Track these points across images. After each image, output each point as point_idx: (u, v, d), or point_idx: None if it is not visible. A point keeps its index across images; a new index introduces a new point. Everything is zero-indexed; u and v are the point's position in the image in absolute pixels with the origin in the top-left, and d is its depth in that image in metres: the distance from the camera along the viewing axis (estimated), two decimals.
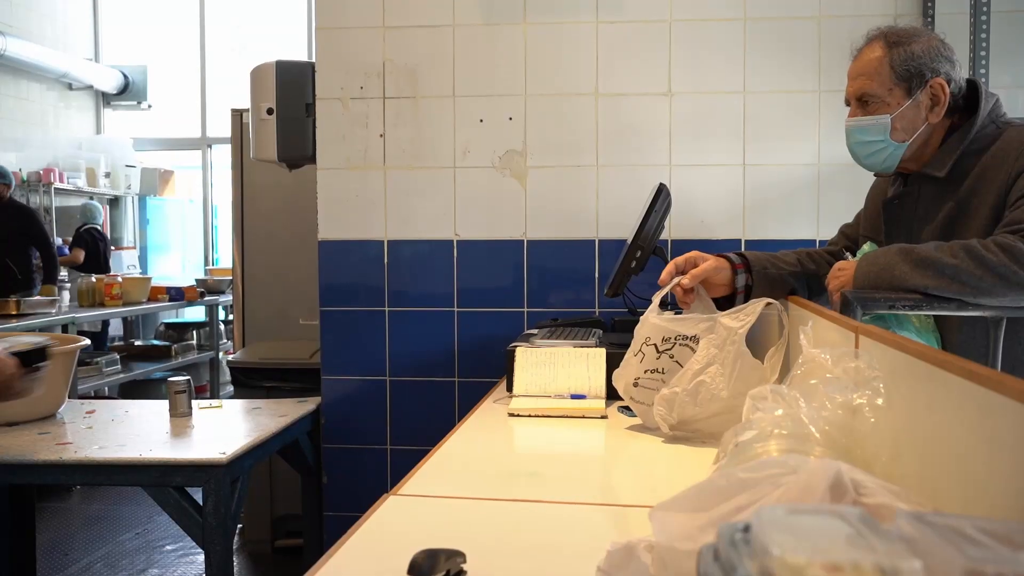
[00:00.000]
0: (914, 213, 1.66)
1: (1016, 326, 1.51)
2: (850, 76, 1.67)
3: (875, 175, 1.81)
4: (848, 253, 1.82)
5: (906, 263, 1.44)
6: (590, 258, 2.72)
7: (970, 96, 1.62)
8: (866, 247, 1.70)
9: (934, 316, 1.57)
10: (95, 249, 6.58)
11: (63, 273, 6.56)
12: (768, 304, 1.60)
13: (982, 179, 1.54)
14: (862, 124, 1.63)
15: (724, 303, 1.74)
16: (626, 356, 1.72)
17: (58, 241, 6.83)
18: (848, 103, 1.68)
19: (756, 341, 2.23)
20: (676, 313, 1.74)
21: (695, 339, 1.60)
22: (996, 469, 0.75)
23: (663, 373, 1.62)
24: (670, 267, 1.73)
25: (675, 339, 1.62)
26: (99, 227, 6.74)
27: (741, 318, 1.58)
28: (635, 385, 1.66)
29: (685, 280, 1.69)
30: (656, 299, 1.70)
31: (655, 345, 1.65)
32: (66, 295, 5.50)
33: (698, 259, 1.73)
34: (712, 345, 1.57)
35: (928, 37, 1.61)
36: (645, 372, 1.64)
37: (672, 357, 1.62)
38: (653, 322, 1.67)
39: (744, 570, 0.50)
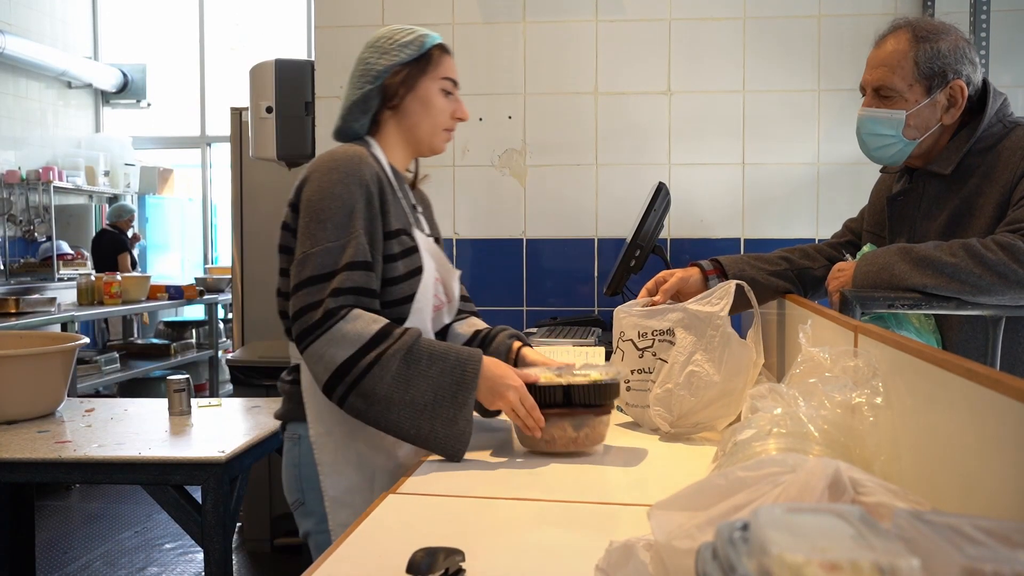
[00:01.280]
0: (918, 210, 1.66)
1: (1014, 325, 1.51)
2: (870, 64, 1.62)
3: (880, 170, 1.80)
4: (848, 254, 1.82)
5: (905, 262, 1.44)
6: (589, 257, 2.73)
7: (981, 95, 1.61)
8: (866, 248, 1.70)
9: (934, 316, 1.57)
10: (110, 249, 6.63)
11: (65, 271, 6.58)
12: (738, 284, 1.61)
13: (987, 178, 1.54)
14: (876, 116, 1.60)
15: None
16: (612, 358, 1.73)
17: (63, 245, 6.85)
18: (863, 91, 1.65)
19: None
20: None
21: (671, 332, 1.60)
22: (995, 468, 0.75)
23: (650, 372, 1.62)
24: (642, 292, 1.77)
25: (652, 335, 1.62)
26: (114, 227, 6.77)
27: (714, 302, 1.58)
28: (627, 388, 1.66)
29: (657, 298, 1.72)
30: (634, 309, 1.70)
31: (632, 341, 1.65)
32: (68, 294, 5.51)
33: (667, 277, 1.77)
34: (690, 333, 1.58)
35: (955, 36, 1.58)
36: (632, 372, 1.64)
37: (655, 355, 1.62)
38: (624, 317, 1.68)
39: (743, 569, 0.50)
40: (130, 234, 6.85)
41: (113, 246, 6.63)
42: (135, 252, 6.86)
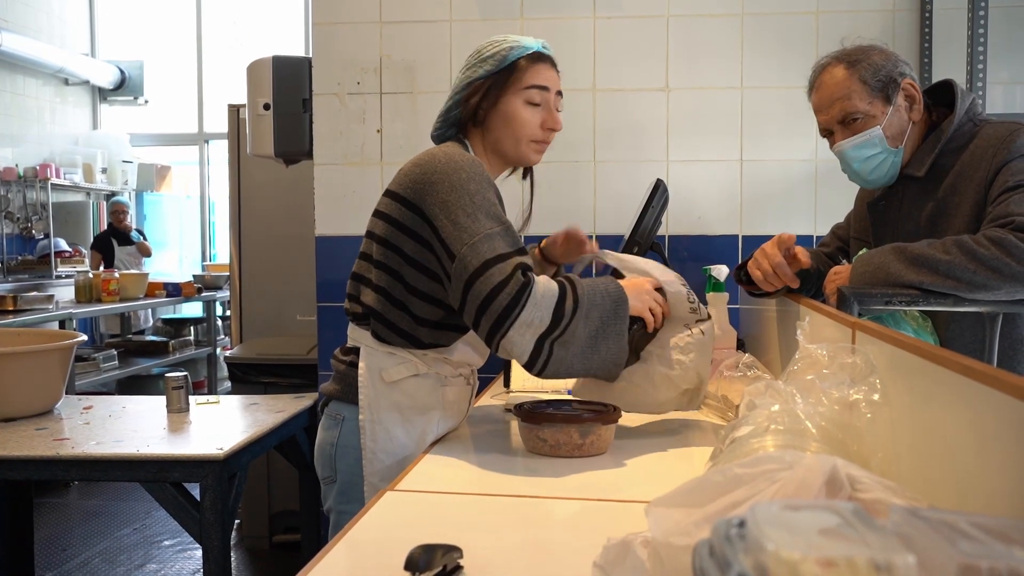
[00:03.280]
0: (899, 213, 1.68)
1: (1003, 322, 1.52)
2: (821, 107, 1.68)
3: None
4: (843, 258, 1.83)
5: (900, 261, 1.45)
6: None
7: (946, 96, 1.65)
8: (863, 252, 1.71)
9: (931, 316, 1.57)
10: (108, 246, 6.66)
11: (63, 269, 6.58)
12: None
13: (961, 177, 1.56)
14: (857, 142, 1.64)
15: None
16: None
17: (61, 242, 6.84)
18: (825, 134, 1.69)
19: (756, 336, 2.23)
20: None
21: None
22: (992, 465, 0.75)
23: None
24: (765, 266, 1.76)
25: None
26: (110, 224, 6.80)
27: None
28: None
29: (804, 259, 1.72)
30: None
31: None
32: (66, 291, 5.50)
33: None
34: None
35: (880, 48, 1.65)
36: None
37: None
38: None
39: (739, 566, 0.50)
40: (134, 228, 6.90)
41: (101, 243, 6.68)
42: (135, 242, 6.84)
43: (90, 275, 5.23)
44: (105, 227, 7.03)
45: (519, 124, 1.56)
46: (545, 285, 1.40)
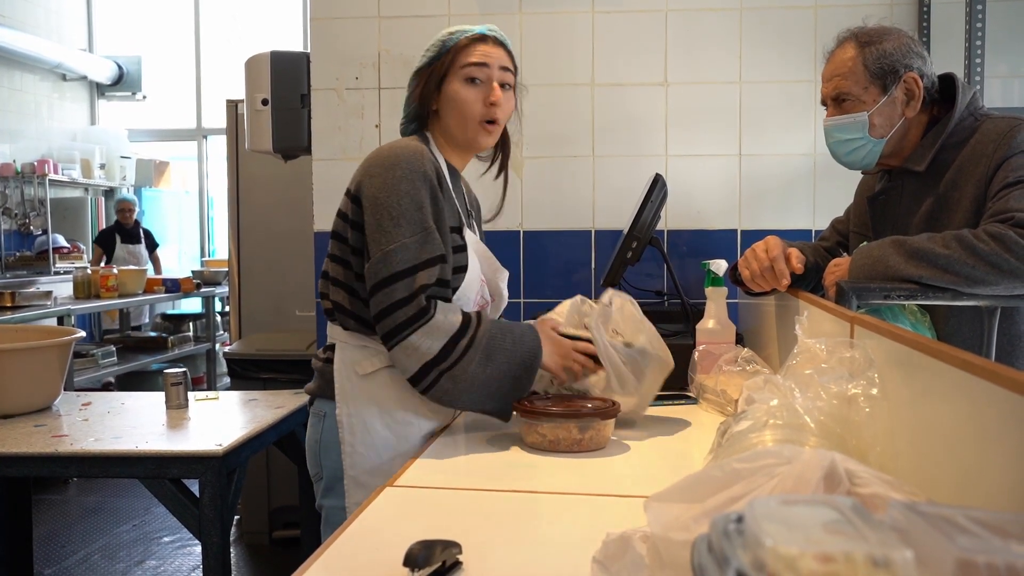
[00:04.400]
0: (898, 208, 1.68)
1: (1001, 317, 1.52)
2: (824, 78, 1.69)
3: (862, 172, 1.82)
4: (843, 252, 1.83)
5: (899, 254, 1.45)
6: (586, 249, 2.72)
7: (948, 90, 1.64)
8: (863, 245, 1.71)
9: (929, 311, 1.57)
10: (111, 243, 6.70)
11: (61, 265, 6.57)
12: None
13: (961, 172, 1.56)
14: (840, 123, 1.64)
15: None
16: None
17: (59, 238, 6.84)
18: (825, 104, 1.70)
19: (755, 331, 2.23)
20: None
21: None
22: (990, 459, 0.75)
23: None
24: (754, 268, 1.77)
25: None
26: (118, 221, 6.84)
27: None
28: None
29: (797, 264, 1.72)
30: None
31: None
32: (64, 288, 5.50)
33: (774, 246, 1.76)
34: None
35: (898, 35, 1.64)
36: None
37: None
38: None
39: (737, 561, 0.50)
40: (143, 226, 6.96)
41: (104, 239, 6.71)
42: (142, 242, 6.87)
43: (88, 271, 5.23)
44: (112, 223, 7.05)
45: (462, 103, 1.55)
46: (446, 316, 1.46)
